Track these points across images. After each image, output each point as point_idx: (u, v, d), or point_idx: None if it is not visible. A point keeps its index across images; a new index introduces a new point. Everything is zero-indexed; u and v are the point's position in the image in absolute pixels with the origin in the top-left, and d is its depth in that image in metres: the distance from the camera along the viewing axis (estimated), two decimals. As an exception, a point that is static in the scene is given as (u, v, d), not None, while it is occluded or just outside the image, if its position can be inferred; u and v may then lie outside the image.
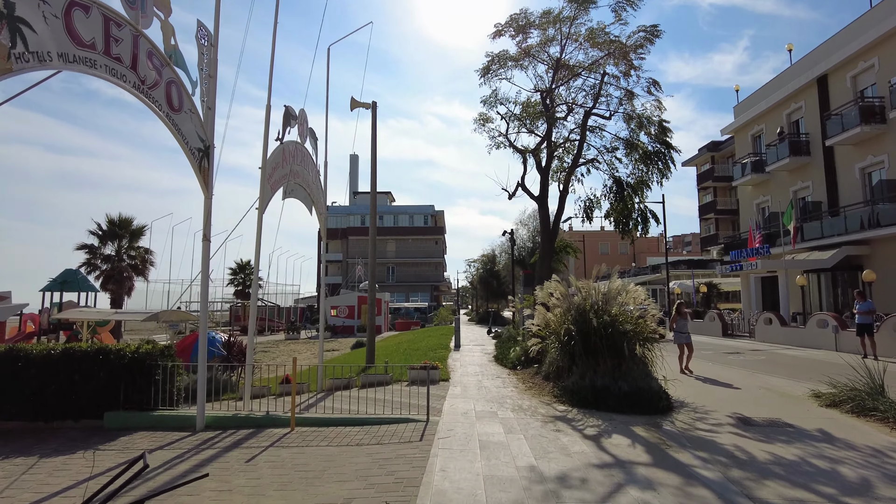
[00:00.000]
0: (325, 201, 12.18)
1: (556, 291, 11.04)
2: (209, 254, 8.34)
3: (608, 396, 8.89)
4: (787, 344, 20.37)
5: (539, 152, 15.05)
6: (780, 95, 28.94)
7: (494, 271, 48.02)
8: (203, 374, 8.15)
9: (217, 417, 8.29)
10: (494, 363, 15.16)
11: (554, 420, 8.04)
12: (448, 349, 19.31)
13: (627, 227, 14.64)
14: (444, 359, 16.09)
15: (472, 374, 13.03)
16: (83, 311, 20.41)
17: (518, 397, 9.83)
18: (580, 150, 14.54)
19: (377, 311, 43.64)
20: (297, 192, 10.64)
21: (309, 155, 11.21)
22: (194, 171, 8.06)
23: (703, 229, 54.73)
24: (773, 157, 28.92)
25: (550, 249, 14.70)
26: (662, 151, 13.83)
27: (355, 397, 10.07)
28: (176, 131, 7.45)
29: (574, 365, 9.88)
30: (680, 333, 13.27)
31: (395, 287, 70.87)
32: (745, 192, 34.21)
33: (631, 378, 9.30)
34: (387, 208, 77.01)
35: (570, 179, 14.76)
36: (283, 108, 9.91)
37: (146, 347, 8.76)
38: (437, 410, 8.62)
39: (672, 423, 7.89)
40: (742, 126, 33.57)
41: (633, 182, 14.28)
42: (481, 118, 15.42)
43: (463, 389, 10.68)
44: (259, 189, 8.90)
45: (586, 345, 9.86)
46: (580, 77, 14.30)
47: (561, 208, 14.84)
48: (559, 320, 10.54)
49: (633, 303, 10.66)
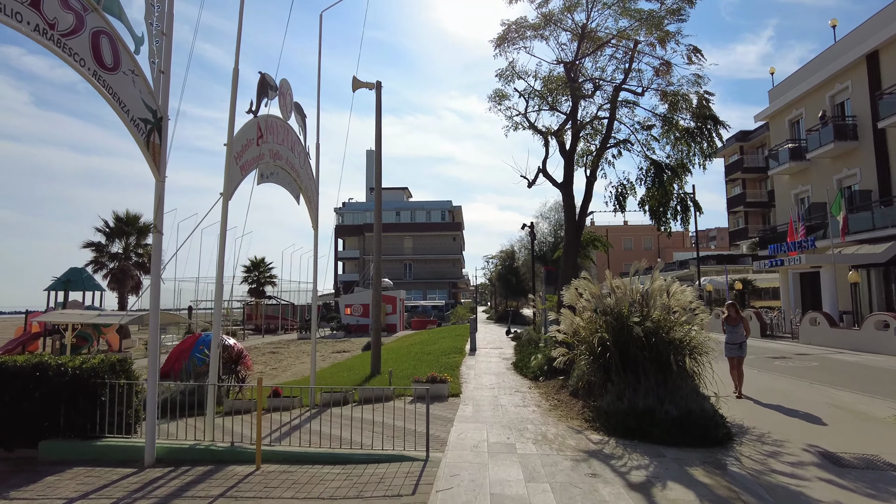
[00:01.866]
0: (316, 189, 10.62)
1: (586, 291, 9.34)
2: (161, 247, 6.83)
3: (653, 423, 7.18)
4: (839, 347, 18.34)
5: (562, 133, 13.29)
6: (823, 76, 26.66)
7: (514, 268, 46.17)
8: (154, 394, 6.64)
9: (172, 449, 6.76)
10: (513, 372, 13.49)
11: (588, 457, 6.36)
12: (462, 353, 17.68)
13: (665, 217, 12.83)
14: (456, 366, 14.47)
15: (487, 385, 11.38)
16: (64, 313, 19.17)
17: (541, 420, 8.15)
18: (609, 129, 12.73)
19: (392, 309, 42.54)
20: (280, 177, 9.09)
21: (295, 134, 9.65)
22: (140, 148, 6.53)
23: (732, 223, 52.29)
24: (815, 143, 26.70)
25: (576, 243, 12.93)
26: (707, 127, 11.97)
27: (348, 417, 8.51)
28: (109, 95, 5.92)
29: (609, 381, 8.18)
30: (731, 345, 10.26)
31: (412, 284, 69.40)
32: (781, 181, 31.92)
33: (679, 398, 7.58)
34: (403, 204, 75.47)
35: (598, 163, 12.99)
36: (259, 76, 8.35)
37: (93, 361, 7.28)
38: (442, 441, 6.99)
39: (738, 462, 6.17)
40: (778, 111, 31.30)
41: (672, 164, 12.43)
42: (497, 95, 13.68)
43: (475, 409, 9.03)
44: (224, 170, 7.35)
45: (624, 357, 8.15)
46: (608, 46, 12.49)
47: (588, 196, 13.09)
48: (590, 327, 8.84)
49: (679, 305, 8.91)
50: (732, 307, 10.61)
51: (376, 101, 15.26)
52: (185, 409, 9.24)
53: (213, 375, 7.35)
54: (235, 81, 7.55)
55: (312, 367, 10.60)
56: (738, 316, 10.45)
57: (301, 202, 10.00)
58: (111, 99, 5.96)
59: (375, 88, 15.30)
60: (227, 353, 13.46)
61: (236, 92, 7.52)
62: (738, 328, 10.31)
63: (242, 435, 7.47)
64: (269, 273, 53.97)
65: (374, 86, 15.27)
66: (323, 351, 28.05)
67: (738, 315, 10.48)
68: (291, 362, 23.20)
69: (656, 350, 8.11)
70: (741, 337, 10.28)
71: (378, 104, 15.22)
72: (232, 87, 7.52)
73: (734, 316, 10.43)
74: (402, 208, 74.43)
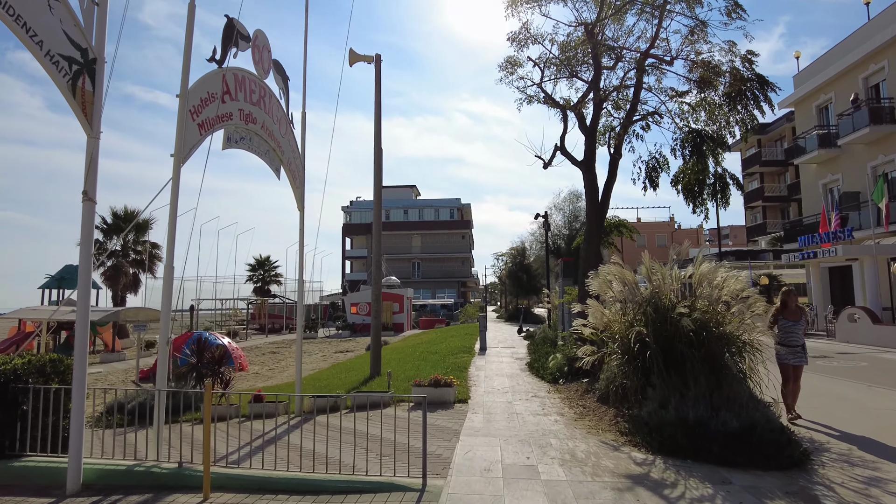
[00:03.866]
0: (302, 164, 9.23)
1: (616, 280, 7.88)
2: (93, 217, 5.46)
3: (709, 437, 5.73)
4: (883, 346, 16.71)
5: (583, 105, 11.79)
6: (856, 56, 24.94)
7: (524, 264, 44.54)
8: (80, 404, 5.27)
9: (105, 471, 5.38)
10: (528, 373, 12.03)
11: (633, 485, 4.91)
12: (471, 353, 16.24)
13: (702, 198, 11.28)
14: (465, 366, 13.04)
15: (499, 389, 9.93)
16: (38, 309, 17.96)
17: (567, 433, 6.70)
18: (636, 98, 11.17)
19: (399, 308, 41.17)
20: (254, 144, 7.70)
21: (274, 98, 8.27)
22: (63, 94, 5.17)
23: (749, 218, 50.42)
24: (847, 129, 24.98)
25: (599, 228, 11.41)
26: (753, 92, 10.40)
27: (336, 428, 7.13)
28: (8, 16, 4.56)
29: (649, 385, 6.72)
30: (790, 348, 7.53)
31: (420, 283, 68.12)
32: (808, 171, 30.16)
33: (738, 406, 6.12)
34: (412, 202, 74.13)
35: (623, 138, 11.48)
36: (226, 19, 6.97)
37: (16, 362, 5.92)
38: (444, 462, 5.57)
39: (833, 493, 4.70)
40: (805, 97, 29.54)
41: (712, 133, 10.85)
42: (508, 63, 12.17)
43: (486, 418, 7.59)
44: (176, 126, 5.97)
45: (667, 355, 6.68)
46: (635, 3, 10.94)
47: (612, 175, 11.55)
48: (624, 321, 7.38)
49: (729, 294, 7.43)
50: (793, 296, 7.80)
51: (375, 76, 13.90)
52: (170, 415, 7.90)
53: (161, 379, 5.95)
54: (192, 16, 6.17)
55: (298, 370, 9.22)
56: (799, 309, 7.79)
57: (283, 177, 8.61)
58: (11, 21, 4.59)
59: (375, 62, 13.95)
60: (210, 353, 12.13)
61: (192, 30, 6.13)
62: (800, 325, 7.65)
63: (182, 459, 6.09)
64: (274, 272, 52.82)
65: (372, 59, 13.91)
66: (326, 350, 26.74)
67: (801, 308, 7.86)
68: (290, 363, 21.85)
69: (707, 347, 6.65)
70: (798, 338, 7.65)
71: (378, 79, 13.86)
72: (187, 24, 6.13)
73: (795, 308, 7.70)
74: (409, 206, 73.11)
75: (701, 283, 7.27)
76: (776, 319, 7.68)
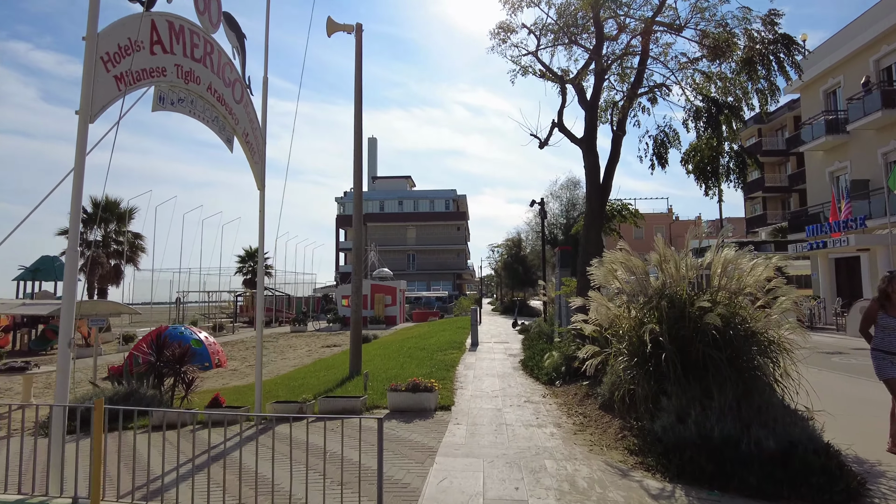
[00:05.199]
0: (263, 137, 8.07)
1: (621, 269, 6.77)
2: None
3: (740, 461, 4.65)
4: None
5: (583, 77, 10.61)
6: (867, 38, 23.81)
7: (520, 256, 43.46)
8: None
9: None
10: (522, 373, 10.94)
11: (650, 530, 3.81)
12: (462, 349, 15.15)
13: (715, 178, 10.12)
14: (453, 364, 11.94)
15: (488, 393, 8.83)
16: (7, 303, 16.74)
17: (565, 451, 5.59)
18: (642, 68, 10.03)
19: (392, 300, 40.04)
20: (197, 108, 6.53)
21: (224, 56, 7.09)
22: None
23: (748, 210, 49.46)
24: (857, 113, 23.88)
25: (600, 212, 10.25)
26: (777, 56, 9.19)
27: (297, 441, 6.03)
28: None
29: (662, 392, 5.62)
30: (887, 356, 5.55)
31: (415, 275, 67.11)
32: (814, 158, 29.09)
33: (772, 419, 5.04)
34: (406, 193, 72.90)
35: (627, 113, 10.33)
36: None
37: None
38: (412, 495, 4.46)
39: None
40: (812, 81, 28.35)
41: (730, 102, 9.66)
42: (500, 29, 10.94)
43: (470, 430, 6.47)
44: (82, 75, 4.80)
45: (686, 358, 5.58)
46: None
47: (615, 154, 10.37)
48: (633, 316, 6.27)
49: (753, 285, 6.33)
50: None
51: (356, 47, 12.71)
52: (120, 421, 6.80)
53: (62, 389, 4.77)
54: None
55: (258, 374, 8.09)
56: None
57: (237, 149, 7.44)
58: None
59: (355, 32, 12.75)
60: (171, 350, 10.98)
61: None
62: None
63: (142, 468, 4.97)
64: (265, 264, 51.65)
65: (352, 28, 12.71)
66: (313, 345, 25.63)
67: None
68: (272, 358, 20.76)
69: (733, 348, 5.55)
70: None
71: (358, 50, 12.67)
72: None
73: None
74: (404, 197, 71.94)
75: (725, 270, 6.15)
76: (873, 316, 5.75)
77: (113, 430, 8.84)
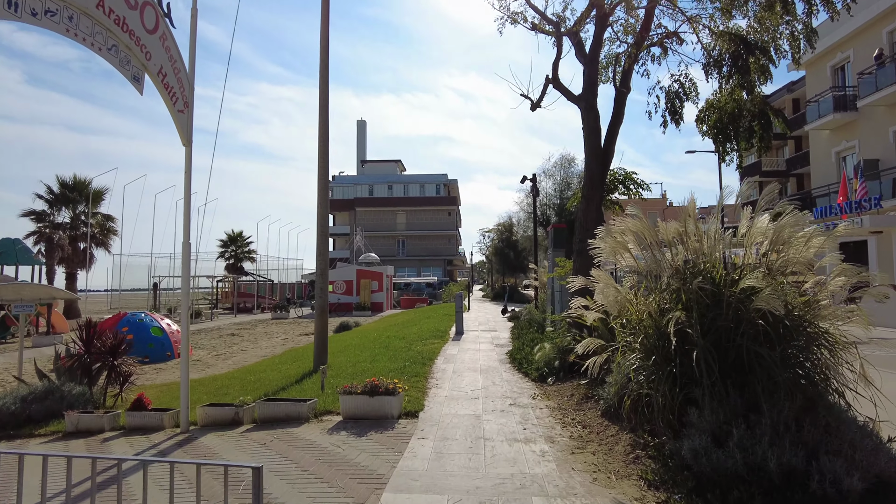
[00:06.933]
0: (189, 82, 6.51)
1: (633, 241, 5.31)
2: None
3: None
4: (923, 329, 14.40)
5: (581, 27, 9.11)
6: (879, 8, 22.31)
7: (512, 241, 42.03)
8: None
9: None
10: (509, 366, 9.52)
11: None
12: (445, 338, 13.73)
13: (737, 138, 8.67)
14: (431, 357, 10.52)
15: (467, 393, 7.39)
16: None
17: (561, 482, 4.17)
18: (652, 4, 8.47)
19: (378, 286, 38.57)
20: (78, 25, 4.93)
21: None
22: None
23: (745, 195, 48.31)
24: (869, 88, 22.44)
25: (601, 180, 8.71)
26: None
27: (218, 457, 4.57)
28: None
29: (690, 402, 4.20)
30: None
31: (405, 261, 65.68)
32: (819, 138, 27.70)
33: (848, 445, 3.65)
34: (396, 177, 71.14)
35: (632, 66, 8.81)
36: None
37: None
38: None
39: None
40: (818, 56, 26.81)
41: (760, 44, 8.13)
42: (486, -36, 9.47)
43: (437, 450, 5.01)
44: None
45: (724, 359, 4.16)
46: None
47: (619, 114, 8.87)
48: (648, 301, 4.83)
49: (800, 262, 4.94)
50: None
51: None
52: None
53: None
54: None
55: (184, 374, 6.59)
56: None
57: (151, 90, 5.89)
58: None
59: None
60: (102, 341, 9.48)
61: None
62: None
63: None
64: (247, 248, 49.89)
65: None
66: (290, 332, 24.21)
67: None
68: (243, 347, 19.30)
69: (788, 345, 4.13)
70: None
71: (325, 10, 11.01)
72: None
73: None
74: (394, 182, 70.19)
75: (776, 239, 4.72)
76: None
77: (14, 437, 7.37)
